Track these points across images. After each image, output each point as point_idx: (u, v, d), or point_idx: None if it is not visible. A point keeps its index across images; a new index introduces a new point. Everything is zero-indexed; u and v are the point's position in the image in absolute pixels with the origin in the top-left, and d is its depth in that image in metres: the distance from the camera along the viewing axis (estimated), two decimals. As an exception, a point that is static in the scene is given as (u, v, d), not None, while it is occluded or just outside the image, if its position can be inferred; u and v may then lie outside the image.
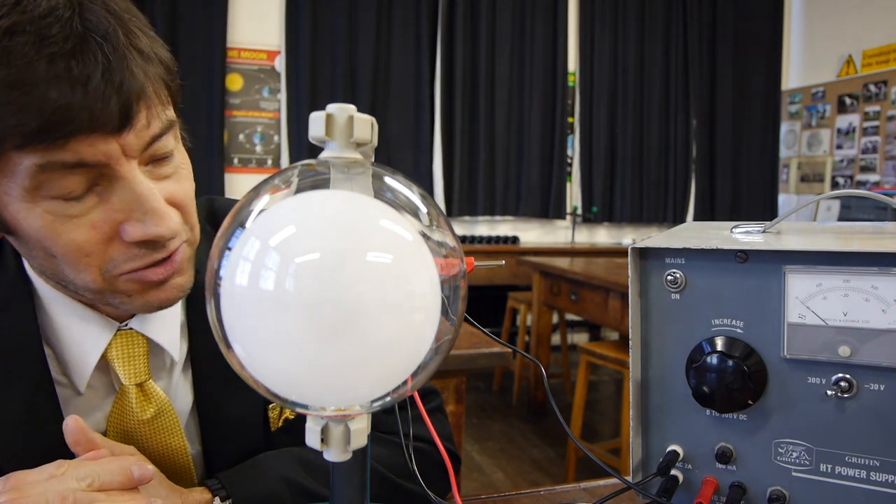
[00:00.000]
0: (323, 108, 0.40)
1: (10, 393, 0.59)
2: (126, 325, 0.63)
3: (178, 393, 0.68)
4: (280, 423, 0.73)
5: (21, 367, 0.60)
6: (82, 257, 0.53)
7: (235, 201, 0.84)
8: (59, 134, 0.47)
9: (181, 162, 0.60)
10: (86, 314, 0.62)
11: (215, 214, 0.76)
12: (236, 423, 0.69)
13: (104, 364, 0.63)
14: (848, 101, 5.06)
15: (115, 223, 0.53)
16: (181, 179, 0.59)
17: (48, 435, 0.58)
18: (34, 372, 0.60)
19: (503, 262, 0.56)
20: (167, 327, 0.66)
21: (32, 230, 0.52)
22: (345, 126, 0.40)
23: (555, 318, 3.85)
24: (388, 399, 0.41)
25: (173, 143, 0.58)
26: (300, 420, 0.74)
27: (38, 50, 0.46)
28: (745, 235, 0.58)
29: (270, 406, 0.72)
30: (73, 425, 0.56)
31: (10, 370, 0.60)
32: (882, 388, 0.49)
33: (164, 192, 0.56)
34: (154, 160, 0.56)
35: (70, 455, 0.55)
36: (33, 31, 0.46)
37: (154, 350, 0.66)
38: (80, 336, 0.62)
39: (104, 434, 0.63)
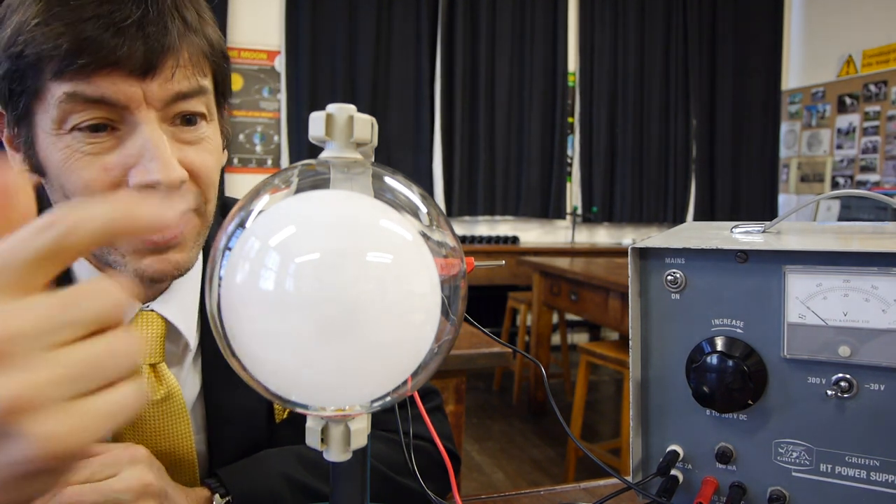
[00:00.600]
0: (323, 108, 0.40)
1: None
2: (148, 306, 0.65)
3: (186, 382, 0.69)
4: (285, 415, 0.74)
5: None
6: (87, 197, 0.56)
7: None
8: (86, 60, 0.52)
9: (210, 137, 0.62)
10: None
11: (227, 210, 0.77)
12: (242, 415, 0.70)
13: None
14: (848, 100, 5.06)
15: (125, 168, 0.56)
16: (204, 151, 0.61)
17: None
18: None
19: (503, 262, 0.56)
20: (186, 312, 0.68)
21: (53, 165, 0.57)
22: (345, 126, 0.40)
23: (555, 318, 3.85)
24: (388, 399, 0.41)
25: (204, 113, 0.60)
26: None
27: None
28: (745, 235, 0.58)
29: None
30: None
31: None
32: (882, 388, 0.49)
33: (180, 155, 0.58)
34: (178, 122, 0.59)
35: None
36: None
37: (171, 335, 0.67)
38: None
39: None
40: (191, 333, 0.68)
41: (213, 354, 0.69)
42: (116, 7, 0.53)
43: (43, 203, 0.66)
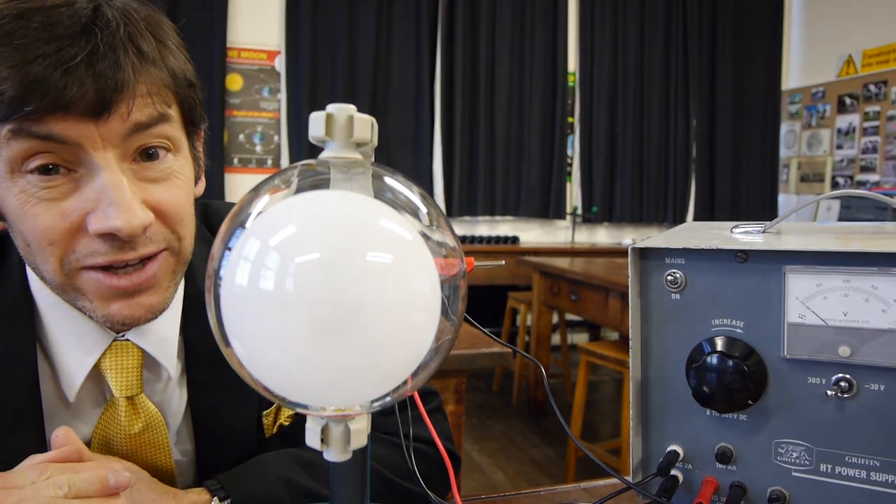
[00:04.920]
0: (323, 108, 0.40)
1: None
2: (123, 335, 0.62)
3: (172, 401, 0.67)
4: (274, 430, 0.73)
5: (11, 383, 0.60)
6: (46, 245, 0.53)
7: (231, 205, 0.83)
8: (33, 105, 0.49)
9: (177, 170, 0.58)
10: (83, 323, 0.61)
11: (209, 218, 0.75)
12: (230, 430, 0.69)
13: (97, 374, 0.63)
14: (848, 101, 5.06)
15: (83, 213, 0.53)
16: (172, 187, 0.57)
17: (29, 451, 0.57)
18: (23, 389, 0.60)
19: (503, 262, 0.56)
20: (165, 341, 0.65)
21: (11, 210, 0.53)
22: (345, 126, 0.40)
23: (555, 318, 3.85)
24: (388, 399, 0.41)
25: (167, 145, 0.57)
26: (294, 426, 0.74)
27: (38, 34, 0.49)
28: (745, 235, 0.58)
29: (265, 413, 0.72)
30: (62, 436, 0.56)
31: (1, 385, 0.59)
32: (882, 388, 0.49)
33: (145, 194, 0.55)
34: (139, 158, 0.55)
35: None
36: (40, 18, 0.49)
37: (150, 363, 0.65)
38: (75, 345, 0.61)
39: (88, 445, 0.63)
40: (171, 362, 0.65)
41: (200, 371, 0.68)
42: (64, 44, 0.49)
43: (8, 248, 0.63)
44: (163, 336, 0.65)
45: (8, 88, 0.48)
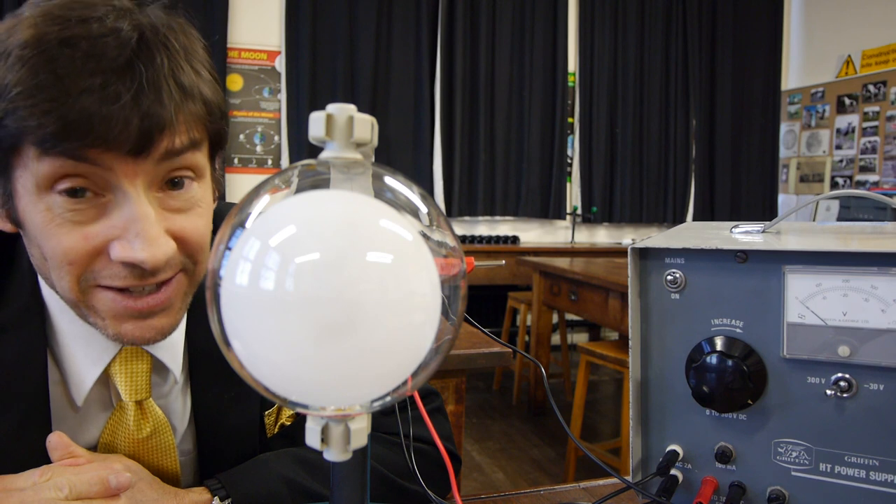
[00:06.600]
0: (323, 108, 0.40)
1: (4, 412, 0.59)
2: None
3: (176, 406, 0.68)
4: (276, 430, 0.73)
5: (20, 387, 0.60)
6: (65, 264, 0.53)
7: (231, 205, 0.84)
8: (74, 142, 0.48)
9: (200, 199, 0.58)
10: (94, 328, 0.61)
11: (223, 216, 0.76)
12: (232, 430, 0.69)
13: (105, 379, 0.63)
14: (847, 101, 5.06)
15: (107, 239, 0.52)
16: (194, 216, 0.57)
17: (36, 455, 0.58)
18: (32, 393, 0.60)
19: (503, 262, 0.56)
20: (173, 347, 0.66)
21: (32, 224, 0.53)
22: (345, 126, 0.40)
23: (555, 318, 3.85)
24: (388, 399, 0.41)
25: (192, 175, 0.57)
26: (296, 425, 0.74)
27: (83, 64, 0.48)
28: (744, 235, 0.58)
29: (267, 412, 0.72)
30: (56, 441, 0.56)
31: (9, 390, 0.59)
32: (881, 388, 0.49)
33: (169, 224, 0.55)
34: (166, 187, 0.55)
35: None
36: (85, 47, 0.48)
37: (157, 369, 0.65)
38: (85, 350, 0.61)
39: (94, 450, 0.63)
40: (177, 367, 0.66)
41: (203, 373, 0.68)
42: (109, 80, 0.48)
43: (19, 250, 0.63)
44: (171, 342, 0.65)
45: (49, 124, 0.47)
